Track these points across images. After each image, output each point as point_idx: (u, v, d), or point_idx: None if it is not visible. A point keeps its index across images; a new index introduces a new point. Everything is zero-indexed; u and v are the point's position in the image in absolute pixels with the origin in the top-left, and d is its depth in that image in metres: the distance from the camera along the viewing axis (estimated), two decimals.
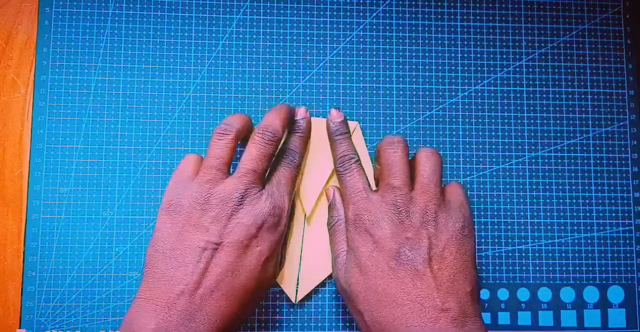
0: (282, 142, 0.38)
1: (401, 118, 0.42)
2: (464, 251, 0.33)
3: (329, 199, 0.39)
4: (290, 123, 0.39)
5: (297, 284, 0.39)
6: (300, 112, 0.39)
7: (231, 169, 0.36)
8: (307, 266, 0.39)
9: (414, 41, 0.42)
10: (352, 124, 0.41)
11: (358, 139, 0.41)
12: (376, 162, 0.39)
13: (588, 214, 0.42)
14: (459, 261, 0.33)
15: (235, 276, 0.32)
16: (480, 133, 0.42)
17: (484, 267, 0.41)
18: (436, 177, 0.35)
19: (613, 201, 0.42)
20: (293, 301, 0.39)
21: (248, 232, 0.33)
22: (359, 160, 0.38)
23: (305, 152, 0.39)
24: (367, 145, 0.41)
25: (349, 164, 0.37)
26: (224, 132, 0.35)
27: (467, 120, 0.42)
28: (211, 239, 0.32)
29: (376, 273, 0.32)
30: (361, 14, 0.42)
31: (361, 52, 0.42)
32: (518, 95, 0.42)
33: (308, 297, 0.40)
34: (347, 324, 0.40)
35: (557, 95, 0.43)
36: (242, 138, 0.37)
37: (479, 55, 0.43)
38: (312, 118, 0.41)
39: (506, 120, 0.42)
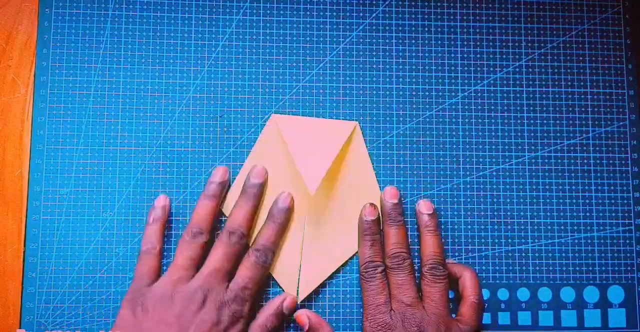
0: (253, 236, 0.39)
1: (401, 118, 0.42)
2: None
3: (304, 326, 0.38)
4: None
5: (298, 285, 0.39)
6: (283, 199, 0.39)
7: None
8: (307, 267, 0.39)
9: (413, 41, 0.42)
10: (352, 124, 0.41)
11: (358, 139, 0.41)
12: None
13: (588, 214, 0.42)
14: None
15: None
16: (480, 133, 0.42)
17: (484, 267, 0.41)
18: (443, 300, 0.37)
19: (613, 201, 0.42)
20: None
21: (210, 330, 0.34)
22: (384, 269, 0.38)
23: (278, 245, 0.39)
24: (367, 146, 0.41)
25: (373, 272, 0.38)
26: (194, 236, 0.37)
27: (467, 120, 0.42)
28: None
29: None
30: (361, 14, 0.42)
31: (361, 53, 0.42)
32: (518, 95, 0.42)
33: (308, 297, 0.40)
34: (347, 325, 0.40)
35: (557, 95, 0.43)
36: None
37: (478, 56, 0.43)
38: (314, 118, 0.41)
39: (506, 120, 0.42)
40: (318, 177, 0.39)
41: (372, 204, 0.40)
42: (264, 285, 0.39)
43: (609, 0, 0.43)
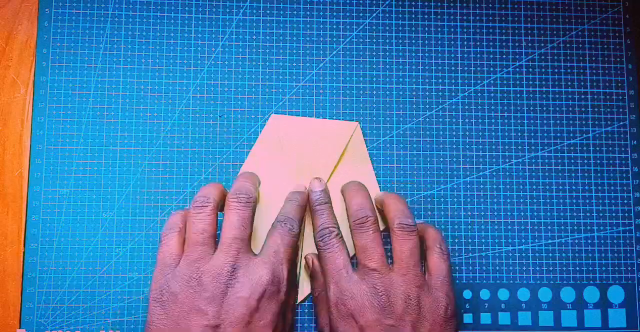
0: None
1: (401, 118, 0.42)
2: (449, 325, 0.33)
3: (309, 267, 0.38)
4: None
5: (298, 285, 0.39)
6: (296, 186, 0.38)
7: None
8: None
9: (413, 41, 0.42)
10: (352, 124, 0.41)
11: (358, 139, 0.41)
12: (353, 233, 0.36)
13: (588, 214, 0.42)
14: None
15: None
16: (480, 133, 0.42)
17: (484, 268, 0.41)
18: (415, 258, 0.34)
19: (613, 201, 0.42)
20: None
21: (248, 305, 0.31)
22: (339, 233, 0.36)
23: (302, 223, 0.37)
24: (367, 146, 0.41)
25: (328, 238, 0.35)
26: (202, 205, 0.34)
27: (467, 120, 0.42)
28: (210, 323, 0.30)
29: None
30: (361, 14, 0.42)
31: (361, 53, 0.42)
32: (518, 95, 0.42)
33: (308, 297, 0.40)
34: None
35: (557, 95, 0.43)
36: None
37: (479, 56, 0.43)
38: (314, 119, 0.41)
39: (506, 121, 0.42)
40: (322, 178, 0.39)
41: (316, 178, 0.39)
42: (297, 255, 0.37)
43: (609, 0, 0.43)
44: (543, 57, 0.43)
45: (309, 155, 0.40)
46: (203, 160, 0.40)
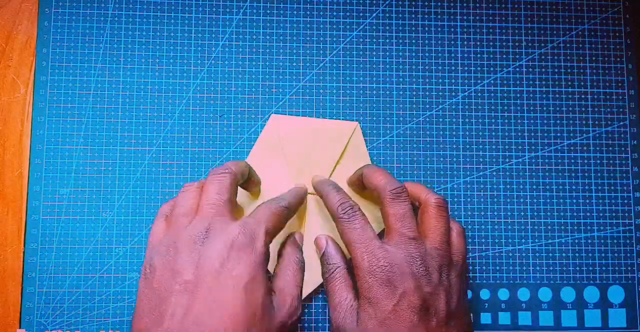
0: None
1: (401, 118, 0.42)
2: (467, 305, 0.35)
3: (321, 248, 0.38)
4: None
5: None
6: (299, 186, 0.39)
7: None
8: (307, 267, 0.39)
9: (413, 41, 0.42)
10: (352, 124, 0.41)
11: (358, 139, 0.41)
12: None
13: (588, 214, 0.42)
14: (466, 316, 0.34)
15: (215, 311, 0.29)
16: (480, 133, 0.42)
17: (484, 267, 0.41)
18: (447, 236, 0.35)
19: (613, 201, 0.42)
20: None
21: (219, 255, 0.30)
22: (359, 208, 0.35)
23: (297, 206, 0.37)
24: (367, 146, 0.41)
25: (352, 211, 0.35)
26: (187, 188, 0.34)
27: (467, 120, 0.42)
28: (187, 279, 0.29)
29: (398, 327, 0.32)
30: (361, 14, 0.42)
31: (361, 53, 0.42)
32: (518, 95, 0.42)
33: (308, 297, 0.40)
34: None
35: (557, 95, 0.43)
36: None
37: (479, 55, 0.43)
38: (314, 119, 0.41)
39: (506, 121, 0.42)
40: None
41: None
42: (281, 231, 0.35)
43: (609, 0, 0.43)
44: (543, 57, 0.43)
45: (309, 155, 0.40)
46: (203, 161, 0.40)
